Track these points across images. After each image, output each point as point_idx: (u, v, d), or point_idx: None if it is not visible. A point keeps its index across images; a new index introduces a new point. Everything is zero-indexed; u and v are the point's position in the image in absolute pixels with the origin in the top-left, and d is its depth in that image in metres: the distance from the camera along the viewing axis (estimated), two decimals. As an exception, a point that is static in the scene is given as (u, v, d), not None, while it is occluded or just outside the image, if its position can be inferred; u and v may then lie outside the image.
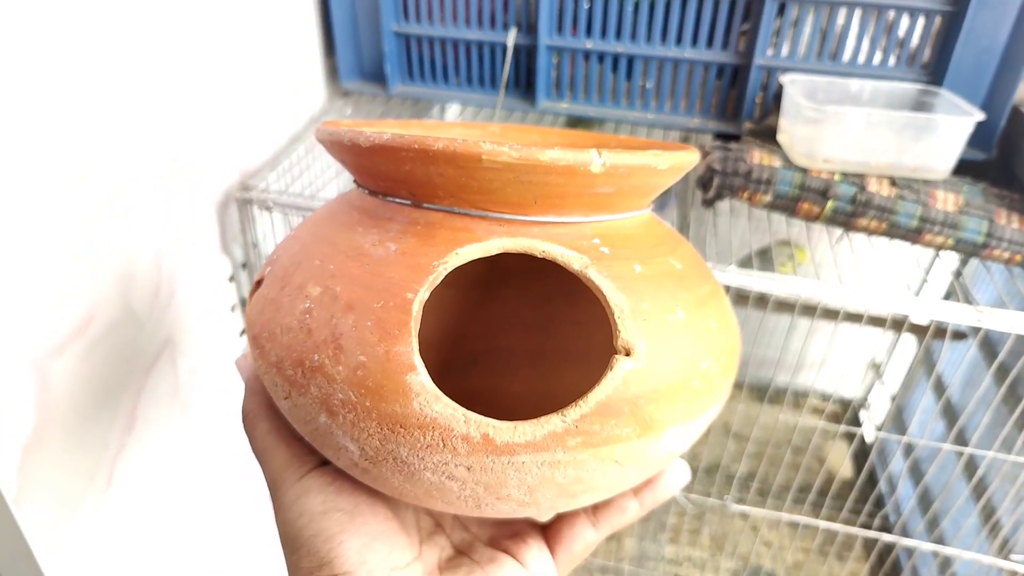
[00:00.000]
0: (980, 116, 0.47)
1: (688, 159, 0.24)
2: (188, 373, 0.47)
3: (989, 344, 0.75)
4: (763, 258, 0.71)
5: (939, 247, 0.49)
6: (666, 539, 0.81)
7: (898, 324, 0.74)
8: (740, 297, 0.49)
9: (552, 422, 0.20)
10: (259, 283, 0.25)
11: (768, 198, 0.49)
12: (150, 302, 0.41)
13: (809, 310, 0.49)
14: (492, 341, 0.41)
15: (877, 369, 0.95)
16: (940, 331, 0.48)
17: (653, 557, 0.77)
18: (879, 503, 0.86)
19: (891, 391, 0.93)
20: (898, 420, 0.92)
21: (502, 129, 0.35)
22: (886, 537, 0.62)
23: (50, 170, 0.32)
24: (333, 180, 0.58)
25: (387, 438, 0.20)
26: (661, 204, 0.78)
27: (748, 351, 0.83)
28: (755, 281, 0.45)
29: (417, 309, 0.21)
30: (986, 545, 0.67)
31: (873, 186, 0.48)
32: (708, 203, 0.51)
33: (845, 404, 1.01)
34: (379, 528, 0.24)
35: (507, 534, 0.27)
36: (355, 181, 0.27)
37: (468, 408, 0.20)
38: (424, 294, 0.21)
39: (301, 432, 0.23)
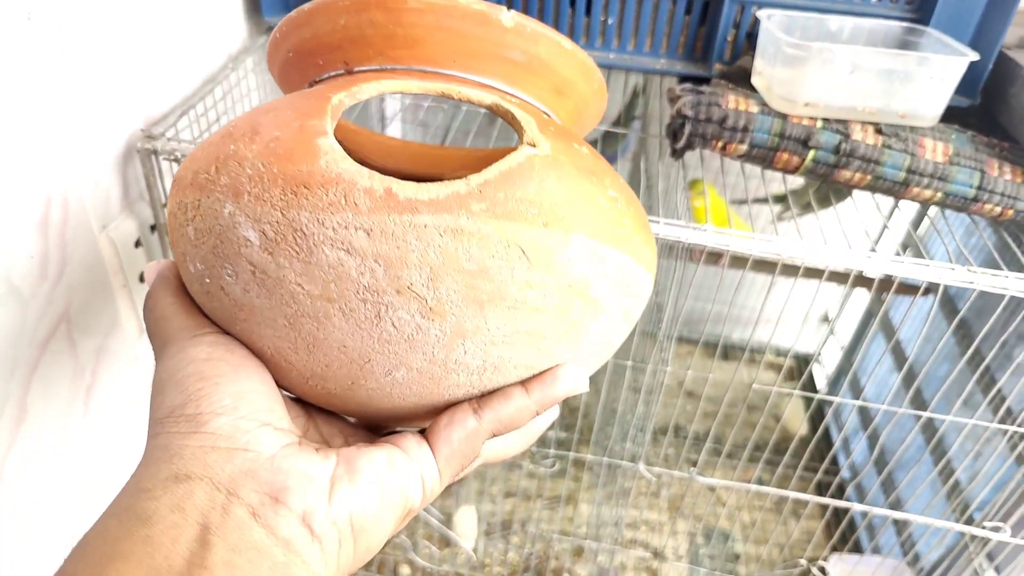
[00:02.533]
0: (974, 56, 0.53)
1: (591, 66, 0.35)
2: (92, 354, 0.52)
3: (948, 299, 0.91)
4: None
5: (926, 201, 0.55)
6: (624, 504, 0.90)
7: (859, 280, 0.84)
8: (693, 253, 0.55)
9: (455, 185, 0.27)
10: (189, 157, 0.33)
11: (744, 148, 0.54)
12: (36, 275, 0.45)
13: (766, 265, 0.54)
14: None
15: (829, 323, 1.18)
16: (893, 285, 0.56)
17: (610, 522, 0.87)
18: (836, 462, 1.04)
19: (843, 344, 1.17)
20: (853, 380, 1.13)
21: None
22: (840, 503, 0.69)
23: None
24: None
25: (290, 203, 0.27)
26: (613, 155, 0.89)
27: (703, 308, 0.98)
28: (710, 237, 0.51)
29: (336, 102, 0.29)
30: (943, 505, 0.78)
31: (858, 134, 0.53)
32: (678, 153, 0.57)
33: (801, 360, 1.25)
34: (262, 387, 0.27)
35: (384, 439, 0.30)
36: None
37: None
38: (344, 97, 0.29)
39: (199, 255, 0.29)
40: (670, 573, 0.89)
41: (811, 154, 0.53)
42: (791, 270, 0.54)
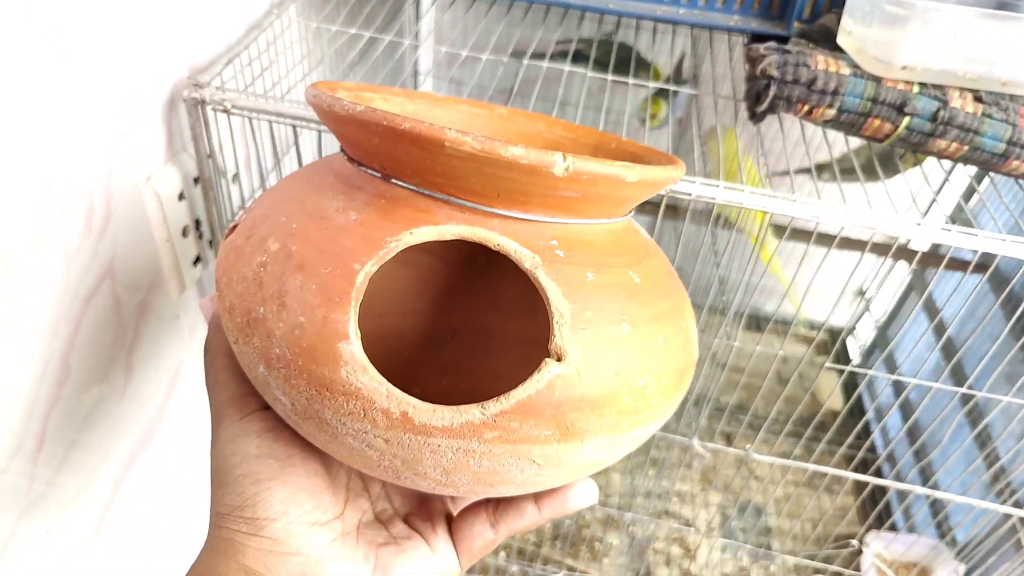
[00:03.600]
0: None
1: (665, 175, 0.33)
2: (134, 311, 0.58)
3: (998, 274, 0.95)
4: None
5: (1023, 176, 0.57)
6: (654, 474, 1.02)
7: (902, 252, 0.86)
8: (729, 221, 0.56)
9: (471, 412, 0.31)
10: (234, 228, 0.35)
11: (832, 112, 0.55)
12: (81, 227, 0.49)
13: (804, 235, 0.57)
14: (474, 320, 0.52)
15: (864, 297, 1.25)
16: (941, 261, 0.56)
17: (642, 493, 0.99)
18: (873, 440, 1.14)
19: (877, 320, 1.28)
20: (888, 357, 1.22)
21: (509, 113, 0.45)
22: (881, 481, 0.76)
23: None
24: (303, 80, 0.64)
25: (314, 399, 0.31)
26: (665, 117, 0.90)
27: (734, 278, 1.02)
28: (747, 198, 0.53)
29: (361, 280, 0.31)
30: (981, 485, 0.87)
31: (956, 101, 0.54)
32: (758, 117, 0.58)
33: (835, 334, 1.34)
34: (307, 482, 0.36)
35: (423, 515, 0.40)
36: (340, 146, 0.37)
37: (441, 378, 0.31)
38: (371, 267, 0.32)
39: (244, 367, 0.34)
40: (702, 545, 0.99)
41: (905, 121, 0.55)
42: (829, 240, 0.58)
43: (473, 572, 0.93)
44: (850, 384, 1.24)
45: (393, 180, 0.34)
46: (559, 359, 0.32)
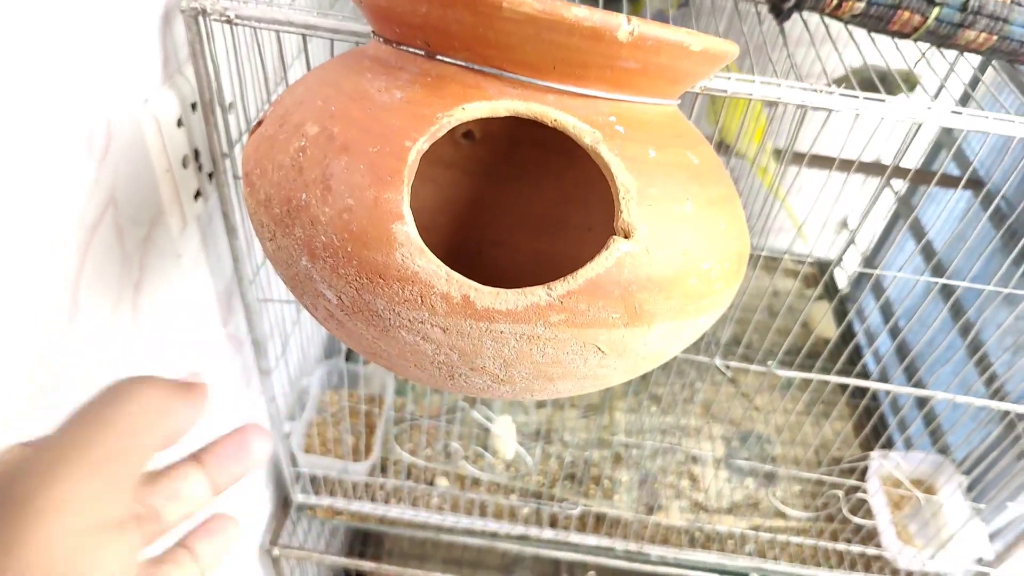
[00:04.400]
0: None
1: (725, 47, 0.30)
2: (138, 245, 0.54)
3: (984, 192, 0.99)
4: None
5: None
6: (658, 410, 1.01)
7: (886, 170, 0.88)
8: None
9: (536, 294, 0.28)
10: (260, 123, 0.32)
11: (861, 5, 0.54)
12: (82, 149, 0.46)
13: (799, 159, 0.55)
14: (500, 235, 0.50)
15: (847, 226, 1.28)
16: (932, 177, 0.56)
17: (647, 429, 0.98)
18: (865, 363, 1.19)
19: (863, 251, 1.31)
20: (876, 285, 1.28)
21: None
22: (867, 384, 0.78)
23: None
24: None
25: (364, 288, 0.28)
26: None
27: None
28: (757, 88, 0.49)
29: (413, 158, 0.29)
30: (970, 386, 0.89)
31: None
32: (784, 15, 0.57)
33: (823, 266, 1.38)
34: None
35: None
36: (372, 32, 0.33)
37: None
38: (423, 144, 0.29)
39: (281, 276, 0.32)
40: (708, 475, 0.98)
41: (935, 12, 0.53)
42: (824, 163, 0.56)
43: (486, 515, 0.92)
44: (841, 314, 1.25)
45: (439, 57, 0.31)
46: (627, 236, 0.29)
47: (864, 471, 0.95)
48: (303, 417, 0.93)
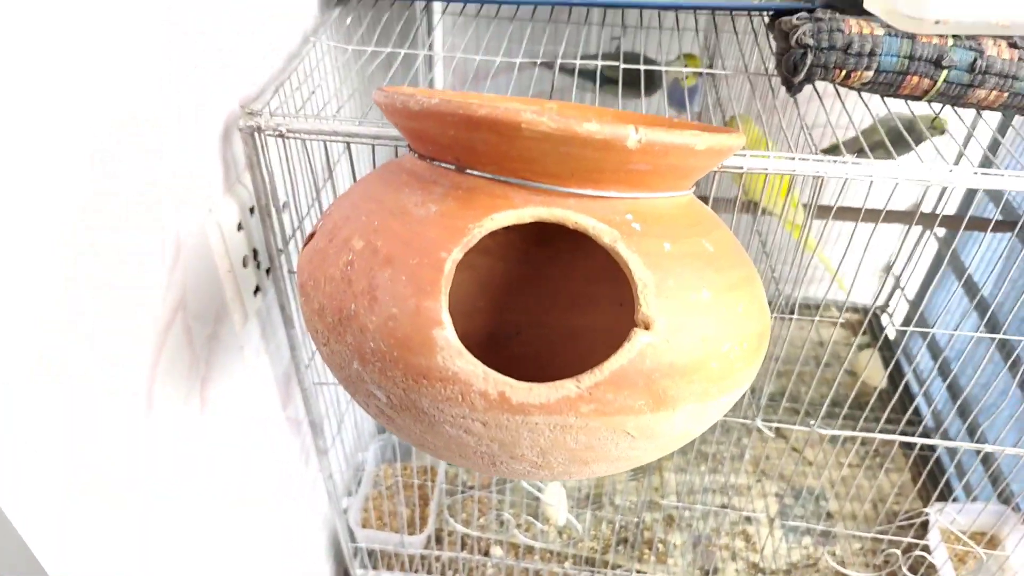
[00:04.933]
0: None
1: (729, 142, 0.33)
2: (205, 342, 0.59)
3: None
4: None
5: None
6: (707, 468, 1.01)
7: (924, 218, 0.86)
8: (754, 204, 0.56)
9: (566, 387, 0.31)
10: (312, 236, 0.36)
11: (870, 74, 0.56)
12: (157, 257, 0.50)
13: (839, 211, 0.58)
14: (537, 316, 0.53)
15: (891, 272, 1.27)
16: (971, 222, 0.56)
17: (697, 489, 0.98)
18: (918, 411, 1.15)
19: (910, 294, 1.28)
20: (922, 324, 1.26)
21: (560, 107, 0.44)
22: (923, 441, 0.76)
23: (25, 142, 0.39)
24: (348, 102, 0.65)
25: (411, 388, 0.31)
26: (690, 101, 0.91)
27: (762, 267, 1.05)
28: (772, 163, 0.52)
29: (449, 268, 0.31)
30: None
31: (991, 49, 0.55)
32: (795, 88, 0.59)
33: (865, 313, 1.36)
34: None
35: None
36: (408, 145, 0.37)
37: (505, 374, 0.31)
38: (457, 254, 0.32)
39: (336, 377, 0.35)
40: (763, 534, 0.97)
41: (944, 74, 0.55)
42: (856, 213, 0.59)
43: (541, 582, 0.93)
44: (890, 360, 1.24)
45: (468, 171, 0.34)
46: (647, 327, 0.32)
47: (925, 524, 0.93)
48: (360, 492, 0.95)
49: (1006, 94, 0.55)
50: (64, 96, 0.40)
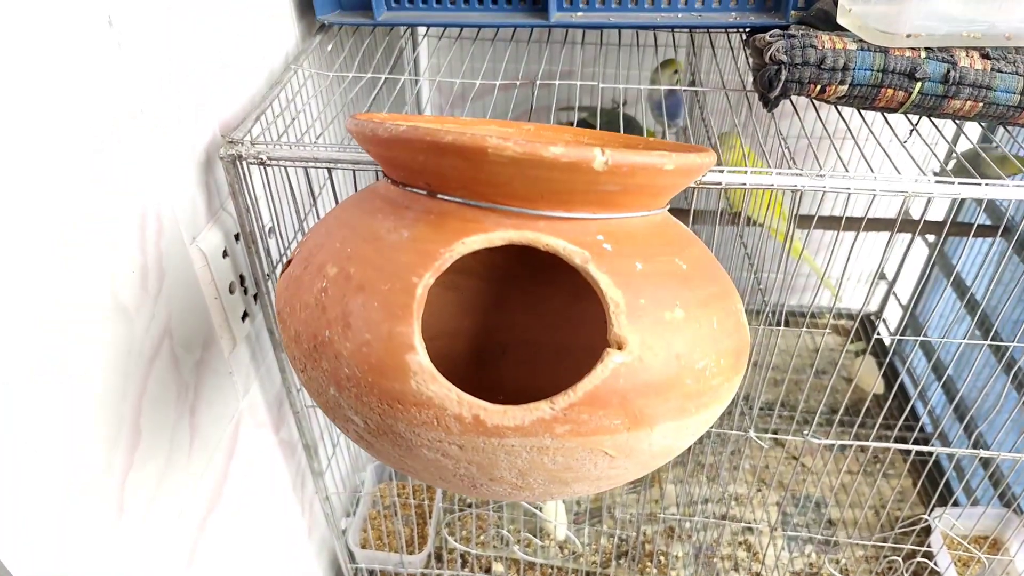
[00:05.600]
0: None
1: (700, 161, 0.33)
2: (192, 369, 0.59)
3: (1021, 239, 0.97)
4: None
5: None
6: (707, 478, 1.01)
7: (914, 225, 0.86)
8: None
9: (540, 409, 0.31)
10: (289, 262, 0.36)
11: (844, 88, 0.57)
12: (138, 289, 0.50)
13: (820, 221, 0.58)
14: (522, 334, 0.53)
15: (886, 278, 1.27)
16: (964, 227, 0.56)
17: (697, 500, 0.98)
18: (915, 415, 1.15)
19: (904, 299, 1.28)
20: (919, 332, 1.25)
21: (536, 128, 0.45)
22: (918, 449, 0.75)
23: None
24: (329, 126, 0.66)
25: (386, 413, 0.31)
26: (673, 115, 0.92)
27: (747, 277, 1.06)
28: (750, 178, 0.52)
29: (421, 293, 0.32)
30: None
31: (964, 60, 0.56)
32: (772, 104, 0.59)
33: (861, 320, 1.37)
34: None
35: None
36: (381, 172, 0.38)
37: (492, 396, 0.31)
38: (429, 279, 0.32)
39: (316, 403, 0.35)
40: (766, 544, 0.97)
41: (918, 87, 0.56)
42: (840, 223, 0.59)
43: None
44: (888, 367, 1.24)
45: (439, 195, 0.35)
46: (620, 347, 0.32)
47: (927, 529, 0.93)
48: (358, 512, 0.95)
49: (980, 104, 0.56)
50: (36, 121, 0.40)
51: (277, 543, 0.78)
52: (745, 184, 0.51)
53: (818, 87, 0.56)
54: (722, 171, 0.51)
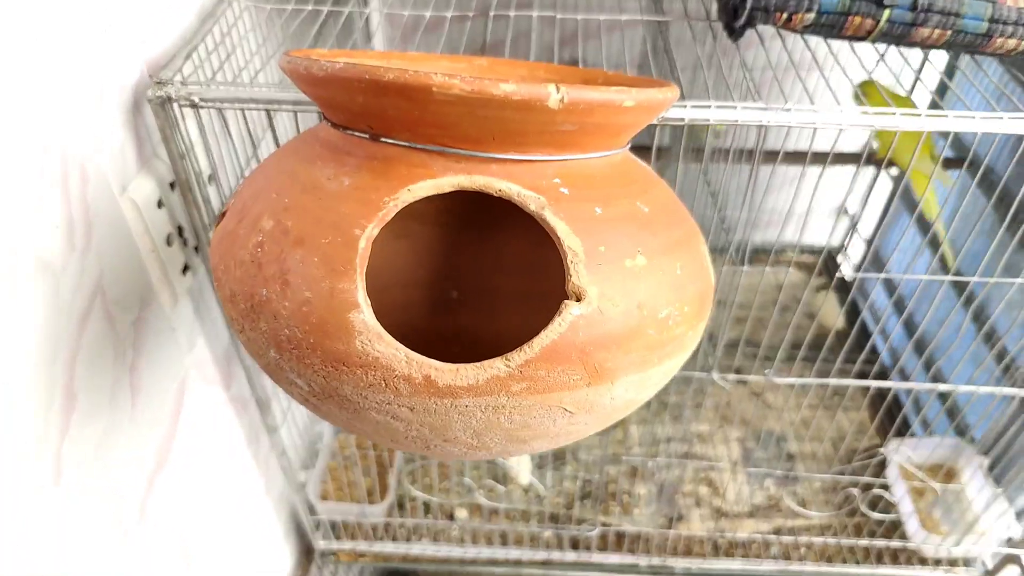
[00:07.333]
0: None
1: (661, 97, 0.31)
2: (130, 328, 0.56)
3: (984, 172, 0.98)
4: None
5: (1010, 52, 0.57)
6: (670, 418, 1.04)
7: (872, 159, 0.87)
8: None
9: (495, 366, 0.29)
10: (223, 215, 0.34)
11: (811, 16, 0.56)
12: (64, 245, 0.47)
13: (786, 155, 0.57)
14: (481, 281, 0.51)
15: (848, 214, 1.27)
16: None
17: (660, 439, 1.00)
18: (875, 350, 1.17)
19: (865, 237, 1.29)
20: (882, 267, 1.25)
21: (490, 63, 0.43)
22: (888, 384, 0.77)
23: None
24: (267, 64, 0.62)
25: (331, 375, 0.30)
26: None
27: (712, 213, 1.05)
28: (714, 113, 0.51)
29: (364, 246, 0.30)
30: (981, 362, 0.90)
31: None
32: (737, 33, 0.58)
33: (825, 255, 1.33)
34: None
35: None
36: (321, 114, 0.35)
37: (451, 346, 0.30)
38: (372, 231, 0.30)
39: (259, 365, 0.33)
40: (728, 480, 0.99)
41: (886, 14, 0.55)
42: (808, 158, 0.57)
43: (507, 543, 0.93)
44: (850, 303, 1.25)
45: (383, 139, 0.32)
46: (578, 299, 0.30)
47: (884, 461, 0.95)
48: (317, 465, 0.94)
49: (949, 32, 0.55)
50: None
51: (232, 500, 0.77)
52: (709, 120, 0.50)
53: (785, 15, 0.54)
54: (685, 106, 0.49)
